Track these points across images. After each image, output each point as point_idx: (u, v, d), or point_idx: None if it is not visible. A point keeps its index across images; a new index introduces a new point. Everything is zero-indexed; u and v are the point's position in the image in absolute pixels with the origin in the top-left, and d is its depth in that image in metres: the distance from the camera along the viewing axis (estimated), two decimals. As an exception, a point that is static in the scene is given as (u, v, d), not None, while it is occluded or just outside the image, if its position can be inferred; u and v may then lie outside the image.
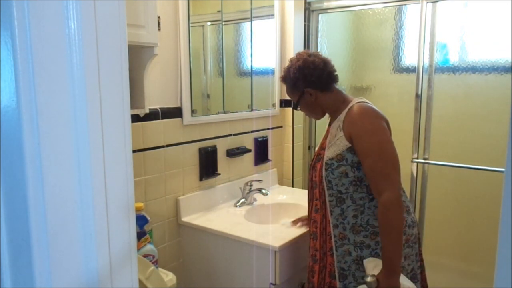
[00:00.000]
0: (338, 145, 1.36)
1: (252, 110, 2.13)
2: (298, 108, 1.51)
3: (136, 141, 1.56)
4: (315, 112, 1.50)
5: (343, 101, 1.43)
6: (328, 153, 1.38)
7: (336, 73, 1.47)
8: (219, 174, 1.95)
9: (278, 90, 2.30)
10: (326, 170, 1.38)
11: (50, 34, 0.53)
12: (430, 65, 2.05)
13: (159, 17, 1.42)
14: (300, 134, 2.45)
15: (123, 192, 0.64)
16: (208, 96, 1.90)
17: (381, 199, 1.27)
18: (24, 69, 0.52)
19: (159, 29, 1.41)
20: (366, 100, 1.42)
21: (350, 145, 1.34)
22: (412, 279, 1.39)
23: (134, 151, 1.51)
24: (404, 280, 1.28)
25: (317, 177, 1.43)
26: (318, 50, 2.45)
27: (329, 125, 1.49)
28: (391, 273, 1.25)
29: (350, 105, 1.38)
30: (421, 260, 1.48)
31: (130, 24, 1.23)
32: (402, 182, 1.48)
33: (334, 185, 1.37)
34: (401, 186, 1.34)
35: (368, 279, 1.26)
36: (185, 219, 1.77)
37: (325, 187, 1.39)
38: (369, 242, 1.35)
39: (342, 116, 1.38)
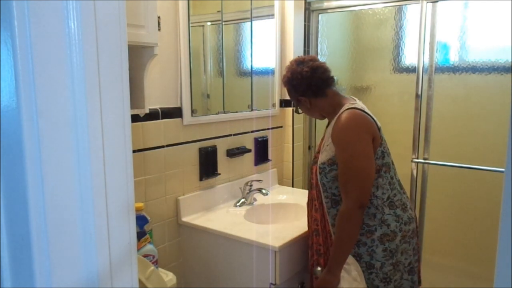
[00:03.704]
0: (328, 150, 1.42)
1: (252, 110, 2.13)
2: (300, 112, 1.62)
3: (136, 141, 1.56)
4: (314, 115, 1.58)
5: (339, 103, 1.46)
6: (321, 158, 1.45)
7: (330, 77, 1.48)
8: (219, 174, 1.95)
9: (278, 90, 2.30)
10: (320, 173, 1.45)
11: (50, 34, 0.53)
12: (430, 65, 2.05)
13: (159, 17, 1.42)
14: (300, 134, 2.45)
15: (123, 192, 0.64)
16: (208, 96, 1.90)
17: (340, 209, 1.38)
18: (24, 69, 0.52)
19: (159, 29, 1.41)
20: (358, 105, 1.43)
21: None
22: (410, 272, 1.47)
23: (134, 151, 1.51)
24: (346, 282, 1.39)
25: (314, 179, 1.51)
26: (318, 50, 2.45)
27: (327, 126, 1.53)
28: (329, 270, 1.39)
29: (341, 110, 1.41)
30: (419, 253, 1.57)
31: (130, 24, 1.23)
32: (403, 181, 1.57)
33: (328, 188, 1.45)
34: (365, 201, 1.36)
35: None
36: (185, 219, 1.77)
37: (321, 189, 1.47)
38: (365, 240, 1.41)
39: (333, 122, 1.43)
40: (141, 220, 1.42)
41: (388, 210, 1.41)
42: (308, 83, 1.45)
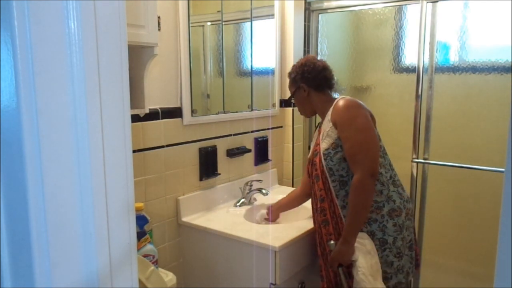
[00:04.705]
0: (330, 135, 1.52)
1: (252, 110, 2.13)
2: (293, 100, 1.71)
3: (136, 141, 1.56)
4: (305, 108, 1.68)
5: (330, 101, 1.59)
6: (323, 145, 1.53)
7: (333, 81, 1.65)
8: (219, 174, 1.95)
9: (278, 90, 2.30)
10: (325, 160, 1.52)
11: (50, 34, 0.53)
12: (430, 65, 2.05)
13: (159, 17, 1.42)
14: (300, 134, 2.45)
15: (123, 192, 0.64)
16: (208, 96, 1.90)
17: (352, 180, 1.44)
18: (24, 69, 0.52)
19: (159, 29, 1.41)
20: (350, 97, 1.58)
21: None
22: (409, 248, 1.57)
23: (134, 151, 1.51)
24: (361, 252, 1.44)
25: (318, 170, 1.56)
26: (318, 50, 2.45)
27: (319, 126, 1.65)
28: (345, 241, 1.45)
29: (336, 101, 1.55)
30: (414, 233, 1.63)
31: (130, 24, 1.23)
32: (403, 181, 1.62)
33: (335, 171, 1.51)
34: (375, 169, 1.45)
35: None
36: (185, 219, 1.77)
37: (327, 175, 1.52)
38: (376, 217, 1.48)
39: (329, 111, 1.55)
40: (141, 220, 1.42)
41: (393, 187, 1.52)
42: (316, 74, 1.60)
